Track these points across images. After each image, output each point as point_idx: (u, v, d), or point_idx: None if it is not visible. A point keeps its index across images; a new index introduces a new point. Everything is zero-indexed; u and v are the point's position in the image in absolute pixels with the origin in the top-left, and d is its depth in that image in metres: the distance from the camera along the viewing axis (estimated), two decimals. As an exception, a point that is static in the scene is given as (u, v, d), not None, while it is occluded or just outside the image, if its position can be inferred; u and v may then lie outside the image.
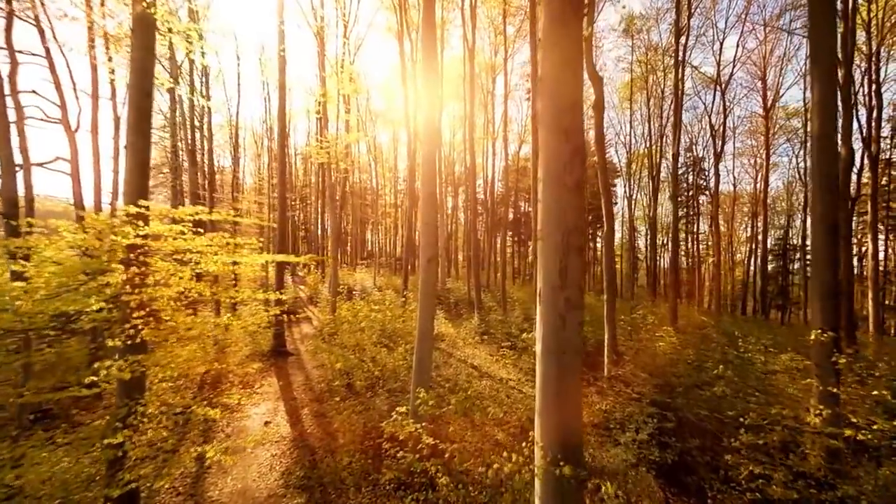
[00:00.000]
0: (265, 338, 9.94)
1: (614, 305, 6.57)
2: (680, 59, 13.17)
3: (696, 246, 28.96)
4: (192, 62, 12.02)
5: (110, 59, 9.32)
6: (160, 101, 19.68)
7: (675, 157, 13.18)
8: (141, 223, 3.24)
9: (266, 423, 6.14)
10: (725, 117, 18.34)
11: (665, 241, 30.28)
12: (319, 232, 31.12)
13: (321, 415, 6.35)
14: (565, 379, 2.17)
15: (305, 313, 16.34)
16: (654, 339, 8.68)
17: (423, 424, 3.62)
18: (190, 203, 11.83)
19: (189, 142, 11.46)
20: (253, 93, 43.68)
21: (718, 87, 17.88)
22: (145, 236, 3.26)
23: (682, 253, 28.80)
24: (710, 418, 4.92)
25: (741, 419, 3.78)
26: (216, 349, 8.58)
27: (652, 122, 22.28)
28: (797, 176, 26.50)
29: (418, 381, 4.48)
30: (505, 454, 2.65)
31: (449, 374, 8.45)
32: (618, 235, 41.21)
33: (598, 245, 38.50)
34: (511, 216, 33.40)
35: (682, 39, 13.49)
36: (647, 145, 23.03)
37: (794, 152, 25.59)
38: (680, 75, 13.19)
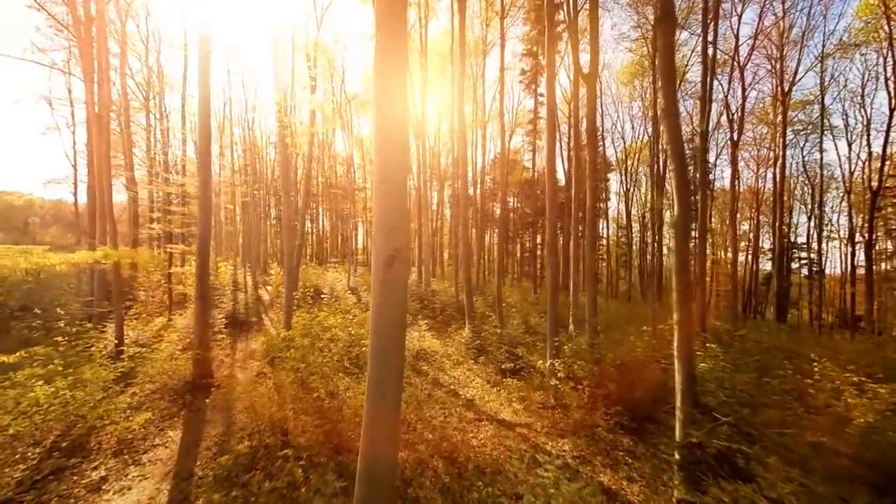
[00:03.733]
0: (178, 365, 7.30)
1: (690, 332, 4.25)
2: (710, 19, 11.18)
3: (699, 244, 27.26)
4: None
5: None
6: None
7: (704, 135, 11.15)
8: None
9: (121, 539, 3.62)
10: (744, 100, 16.46)
11: (658, 238, 28.61)
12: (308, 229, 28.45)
13: (223, 514, 3.86)
14: None
15: (262, 321, 13.72)
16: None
17: None
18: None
19: (94, 104, 8.67)
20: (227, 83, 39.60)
21: (737, 65, 16.00)
22: None
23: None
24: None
25: None
26: (98, 389, 5.94)
27: (657, 107, 20.31)
28: (803, 169, 25.27)
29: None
30: None
31: (434, 418, 6.06)
32: (611, 231, 39.59)
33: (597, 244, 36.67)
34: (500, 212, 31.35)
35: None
36: (650, 135, 21.08)
37: (800, 144, 24.31)
38: (709, 38, 11.15)
